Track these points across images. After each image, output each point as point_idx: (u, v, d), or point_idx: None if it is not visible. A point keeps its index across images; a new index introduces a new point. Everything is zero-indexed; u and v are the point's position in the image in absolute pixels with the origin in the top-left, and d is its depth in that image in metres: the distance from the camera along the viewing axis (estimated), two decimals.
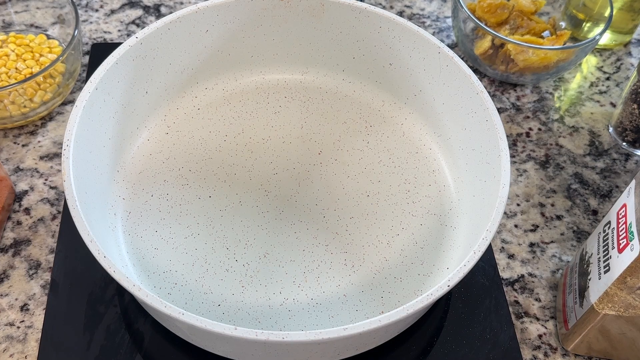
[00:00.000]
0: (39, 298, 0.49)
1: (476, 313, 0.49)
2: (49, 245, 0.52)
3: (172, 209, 0.51)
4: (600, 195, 0.58)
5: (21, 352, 0.46)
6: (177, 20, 0.52)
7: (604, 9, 0.64)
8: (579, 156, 0.61)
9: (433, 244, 0.50)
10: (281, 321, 0.46)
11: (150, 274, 0.47)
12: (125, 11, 0.70)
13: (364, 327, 0.37)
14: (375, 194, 0.53)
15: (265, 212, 0.51)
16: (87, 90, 0.47)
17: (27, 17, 0.65)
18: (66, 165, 0.43)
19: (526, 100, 0.65)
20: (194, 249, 0.49)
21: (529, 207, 0.57)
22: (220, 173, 0.53)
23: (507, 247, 0.54)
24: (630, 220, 0.40)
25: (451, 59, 0.51)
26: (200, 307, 0.46)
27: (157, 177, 0.53)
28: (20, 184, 0.55)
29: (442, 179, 0.54)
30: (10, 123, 0.57)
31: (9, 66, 0.59)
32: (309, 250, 0.49)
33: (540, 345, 0.49)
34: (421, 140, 0.56)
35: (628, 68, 0.69)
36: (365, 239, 0.50)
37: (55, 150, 0.57)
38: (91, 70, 0.63)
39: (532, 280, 0.52)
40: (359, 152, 0.55)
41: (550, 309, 0.51)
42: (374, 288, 0.48)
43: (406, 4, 0.73)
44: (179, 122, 0.56)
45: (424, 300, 0.39)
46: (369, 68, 0.57)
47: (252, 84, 0.59)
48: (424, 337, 0.48)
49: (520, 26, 0.65)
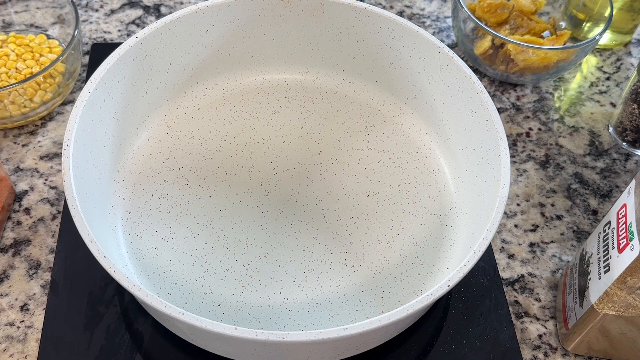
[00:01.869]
0: (39, 298, 0.49)
1: (476, 313, 0.49)
2: (49, 245, 0.52)
3: (172, 209, 0.51)
4: (600, 195, 0.58)
5: (21, 352, 0.46)
6: (177, 20, 0.52)
7: (604, 9, 0.64)
8: (579, 156, 0.61)
9: (433, 244, 0.50)
10: (281, 321, 0.46)
11: (150, 274, 0.47)
12: (125, 11, 0.70)
13: (364, 327, 0.37)
14: (375, 194, 0.53)
15: (265, 212, 0.51)
16: (87, 90, 0.47)
17: (27, 17, 0.65)
18: (66, 165, 0.43)
19: (526, 100, 0.65)
20: (194, 249, 0.49)
21: (529, 207, 0.57)
22: (220, 173, 0.53)
23: (507, 247, 0.54)
24: (630, 220, 0.40)
25: (451, 59, 0.51)
26: (200, 307, 0.46)
27: (157, 177, 0.53)
28: (20, 184, 0.55)
29: (442, 179, 0.54)
30: (10, 123, 0.57)
31: (9, 66, 0.59)
32: (309, 250, 0.49)
33: (540, 345, 0.49)
34: (421, 140, 0.56)
35: (628, 68, 0.69)
36: (365, 239, 0.50)
37: (55, 150, 0.58)
38: (91, 70, 0.63)
39: (532, 280, 0.52)
40: (359, 152, 0.55)
41: (550, 309, 0.51)
42: (374, 288, 0.48)
43: (406, 4, 0.73)
44: (179, 122, 0.56)
45: (424, 300, 0.39)
46: (369, 68, 0.57)
47: (252, 84, 0.59)
48: (424, 337, 0.48)
49: (520, 26, 0.65)
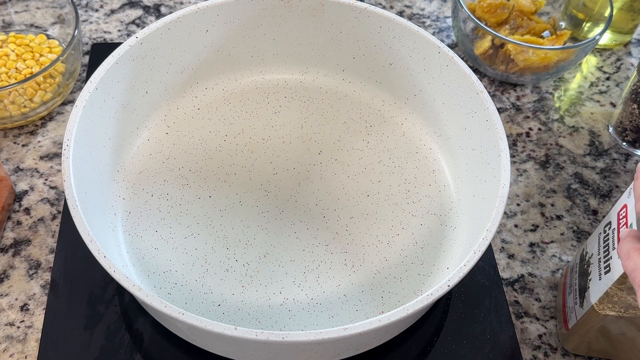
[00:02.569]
0: (39, 298, 0.49)
1: (476, 313, 0.49)
2: (49, 245, 0.52)
3: (172, 209, 0.51)
4: (600, 195, 0.58)
5: (21, 352, 0.46)
6: (177, 20, 0.52)
7: (604, 9, 0.64)
8: (579, 156, 0.61)
9: (433, 244, 0.50)
10: (281, 321, 0.46)
11: (150, 274, 0.47)
12: (125, 11, 0.70)
13: (364, 327, 0.37)
14: (375, 194, 0.53)
15: (265, 212, 0.51)
16: (87, 90, 0.47)
17: (27, 17, 0.65)
18: (66, 165, 0.43)
19: (526, 100, 0.65)
20: (194, 249, 0.49)
21: (529, 207, 0.57)
22: (220, 173, 0.53)
23: (507, 247, 0.54)
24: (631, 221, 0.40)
25: (451, 59, 0.51)
26: (200, 307, 0.46)
27: (157, 177, 0.53)
28: (20, 184, 0.55)
29: (442, 179, 0.54)
30: (10, 123, 0.57)
31: (9, 66, 0.59)
32: (309, 250, 0.49)
33: (540, 345, 0.49)
34: (421, 140, 0.56)
35: (628, 68, 0.69)
36: (365, 239, 0.50)
37: (55, 150, 0.57)
38: (91, 70, 0.63)
39: (532, 280, 0.52)
40: (359, 152, 0.55)
41: (550, 309, 0.51)
42: (374, 288, 0.48)
43: (406, 4, 0.73)
44: (179, 122, 0.56)
45: (424, 300, 0.39)
46: (369, 68, 0.57)
47: (252, 84, 0.59)
48: (424, 337, 0.48)
49: (520, 26, 0.65)
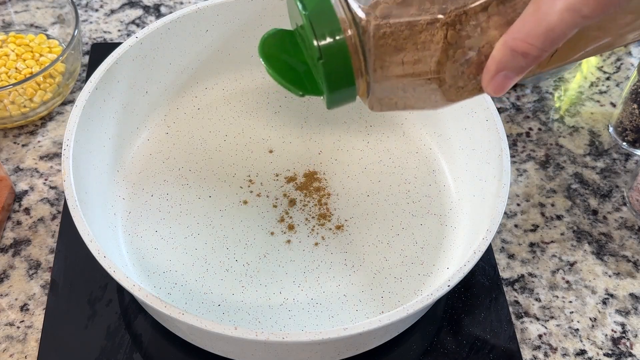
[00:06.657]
0: (39, 298, 0.49)
1: (476, 313, 0.49)
2: (49, 245, 0.52)
3: (172, 209, 0.51)
4: (601, 195, 0.58)
5: (21, 352, 0.46)
6: (177, 20, 0.52)
7: None
8: (579, 156, 0.61)
9: (433, 244, 0.50)
10: (281, 321, 0.46)
11: (150, 274, 0.47)
12: (125, 11, 0.70)
13: (364, 327, 0.37)
14: (375, 194, 0.53)
15: (265, 212, 0.51)
16: (87, 90, 0.47)
17: (27, 17, 0.65)
18: (66, 165, 0.43)
19: (526, 100, 0.65)
20: (194, 249, 0.49)
21: (529, 207, 0.57)
22: (220, 173, 0.53)
23: (507, 247, 0.54)
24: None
25: None
26: (200, 307, 0.46)
27: (157, 177, 0.53)
28: (20, 184, 0.55)
29: (442, 179, 0.54)
30: (10, 123, 0.57)
31: (9, 66, 0.59)
32: (309, 251, 0.49)
33: (540, 345, 0.49)
34: (421, 140, 0.56)
35: (628, 68, 0.69)
36: (365, 239, 0.50)
37: (55, 150, 0.57)
38: (91, 70, 0.63)
39: (532, 280, 0.52)
40: (359, 152, 0.55)
41: (550, 309, 0.51)
42: (374, 288, 0.48)
43: None
44: (179, 122, 0.56)
45: (424, 300, 0.39)
46: None
47: (252, 84, 0.59)
48: (424, 337, 0.48)
49: None
